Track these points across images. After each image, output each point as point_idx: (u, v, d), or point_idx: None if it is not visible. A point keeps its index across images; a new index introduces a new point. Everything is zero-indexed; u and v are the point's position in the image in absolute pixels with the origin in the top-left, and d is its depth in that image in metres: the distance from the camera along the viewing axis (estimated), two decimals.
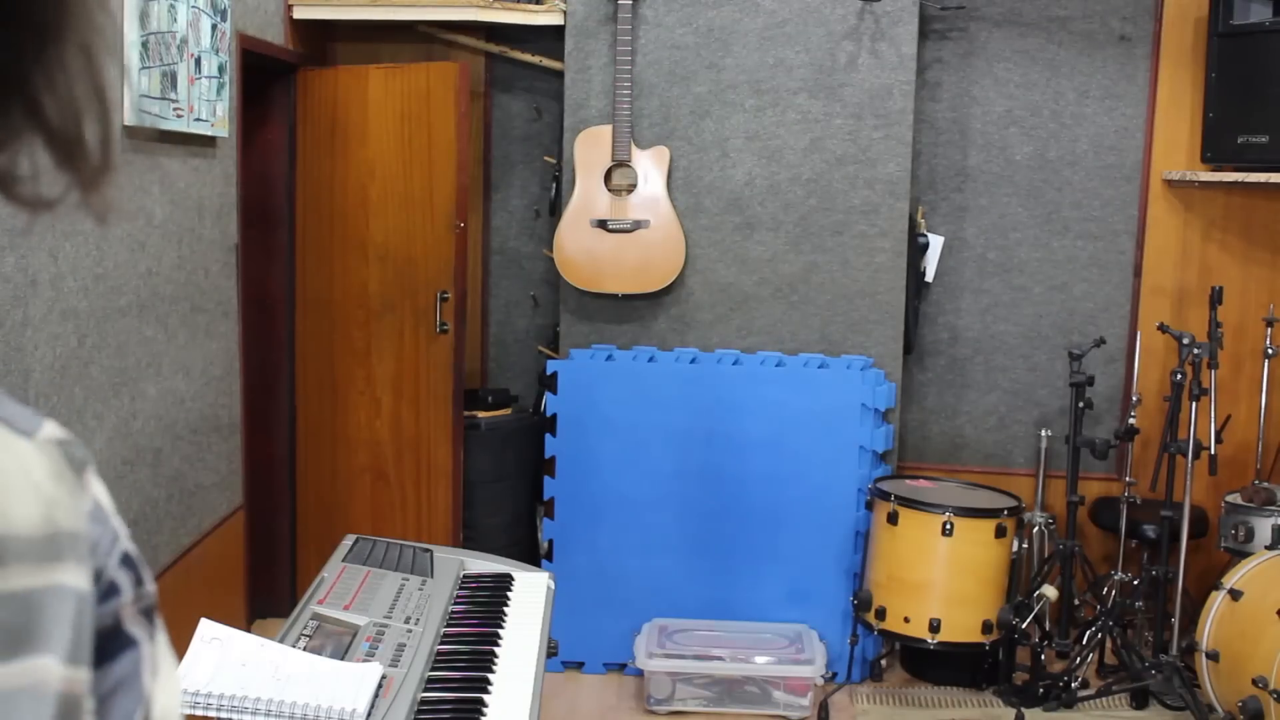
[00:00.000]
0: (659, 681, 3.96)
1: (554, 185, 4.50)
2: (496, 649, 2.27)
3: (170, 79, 3.16)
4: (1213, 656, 3.69)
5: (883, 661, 4.29)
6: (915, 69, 4.25)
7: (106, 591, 0.56)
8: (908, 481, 4.28)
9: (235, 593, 3.94)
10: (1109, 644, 4.21)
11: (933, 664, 4.23)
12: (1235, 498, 4.18)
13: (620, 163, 4.24)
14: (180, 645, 1.93)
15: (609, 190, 4.25)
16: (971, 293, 4.71)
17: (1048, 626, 4.18)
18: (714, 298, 4.35)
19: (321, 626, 2.21)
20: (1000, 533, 3.95)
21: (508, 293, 4.98)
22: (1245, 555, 3.93)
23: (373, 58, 4.74)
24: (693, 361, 4.26)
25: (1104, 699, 4.02)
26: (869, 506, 4.16)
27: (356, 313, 4.52)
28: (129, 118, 2.96)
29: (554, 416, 4.27)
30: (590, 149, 4.25)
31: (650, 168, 4.25)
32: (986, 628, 3.95)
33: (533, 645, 2.31)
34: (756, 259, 4.32)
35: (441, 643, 2.27)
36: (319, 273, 4.54)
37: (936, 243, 4.62)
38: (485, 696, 2.08)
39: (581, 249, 4.24)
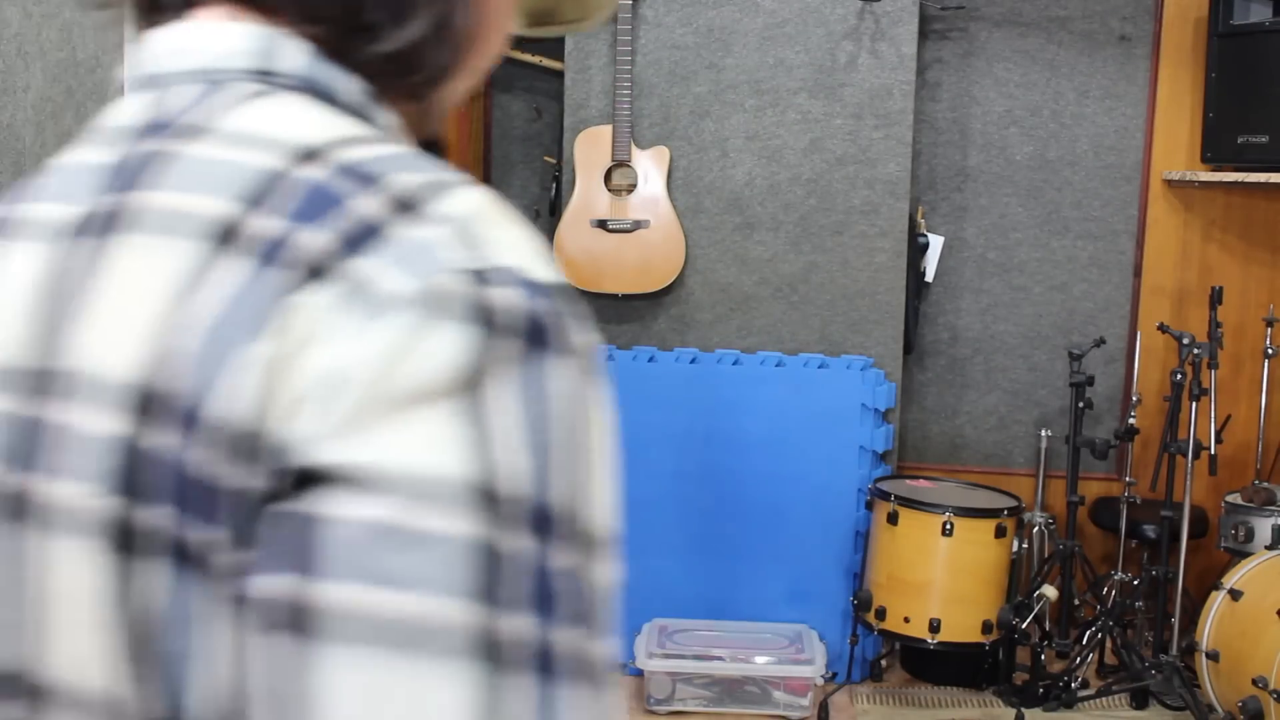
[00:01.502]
0: (659, 681, 3.96)
1: (554, 185, 4.51)
2: None
3: None
4: (1213, 656, 3.69)
5: (883, 661, 4.28)
6: (915, 69, 4.25)
7: None
8: (908, 481, 4.28)
9: None
10: (1109, 644, 4.20)
11: (933, 664, 4.23)
12: (1235, 498, 4.18)
13: (620, 163, 4.24)
14: None
15: (609, 190, 4.25)
16: (971, 293, 4.71)
17: (1048, 626, 4.18)
18: (714, 298, 4.35)
19: None
20: (1000, 533, 3.95)
21: None
22: (1245, 555, 3.93)
23: None
24: (693, 361, 4.26)
25: (1104, 699, 4.02)
26: (869, 506, 4.16)
27: None
28: None
29: None
30: (590, 149, 4.25)
31: (650, 168, 4.25)
32: (986, 628, 3.95)
33: None
34: (756, 259, 4.32)
35: None
36: None
37: (936, 243, 4.62)
38: None
39: (581, 249, 4.24)
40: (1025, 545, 4.43)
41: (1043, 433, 4.57)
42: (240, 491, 0.50)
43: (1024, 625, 4.05)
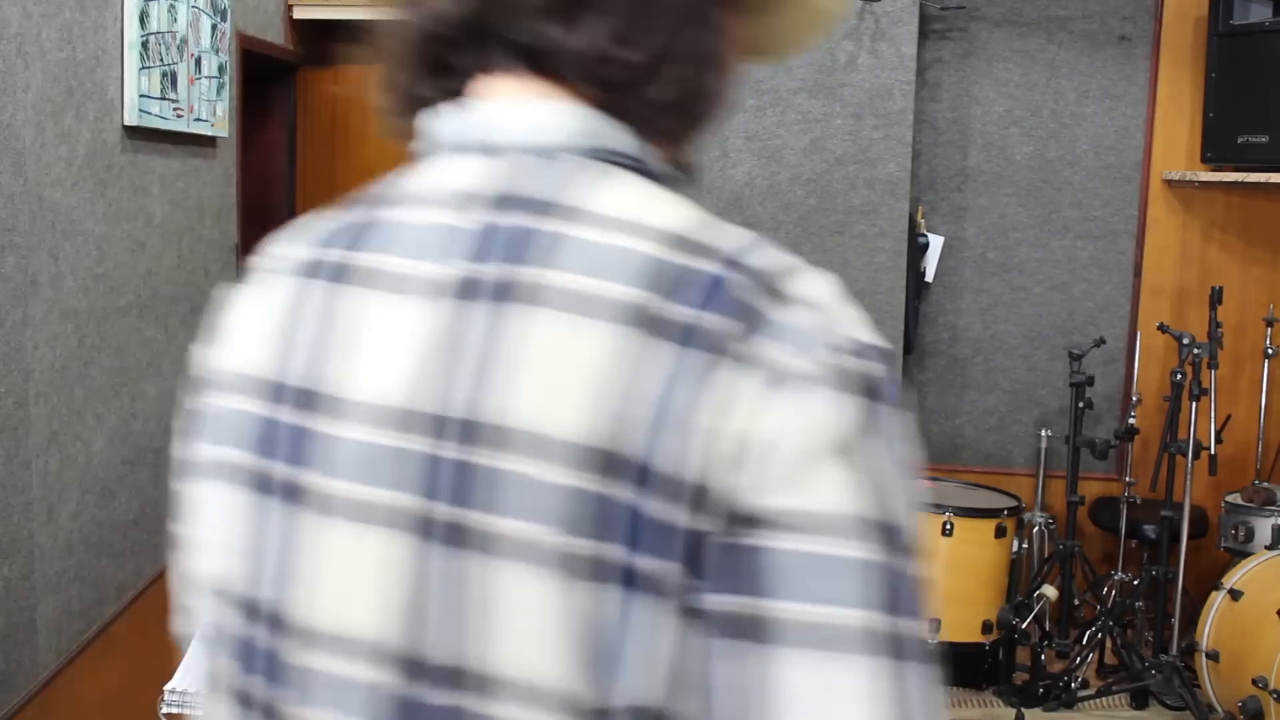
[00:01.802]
0: None
1: None
2: None
3: (170, 79, 3.16)
4: (1213, 656, 3.69)
5: None
6: (915, 69, 4.25)
7: None
8: None
9: None
10: (1109, 644, 4.21)
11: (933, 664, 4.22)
12: (1235, 498, 4.18)
13: None
14: (180, 645, 1.93)
15: None
16: (971, 293, 4.71)
17: (1048, 626, 4.18)
18: None
19: None
20: (1000, 533, 3.95)
21: None
22: (1245, 555, 3.93)
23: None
24: None
25: (1104, 699, 4.02)
26: None
27: None
28: (129, 118, 2.96)
29: None
30: None
31: None
32: (986, 628, 3.95)
33: None
34: None
35: None
36: None
37: (936, 243, 4.63)
38: None
39: None
40: (1025, 545, 4.43)
41: (1043, 433, 4.58)
42: (693, 532, 0.64)
43: (1024, 625, 4.05)
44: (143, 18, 2.98)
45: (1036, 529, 4.53)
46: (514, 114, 0.75)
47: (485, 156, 0.75)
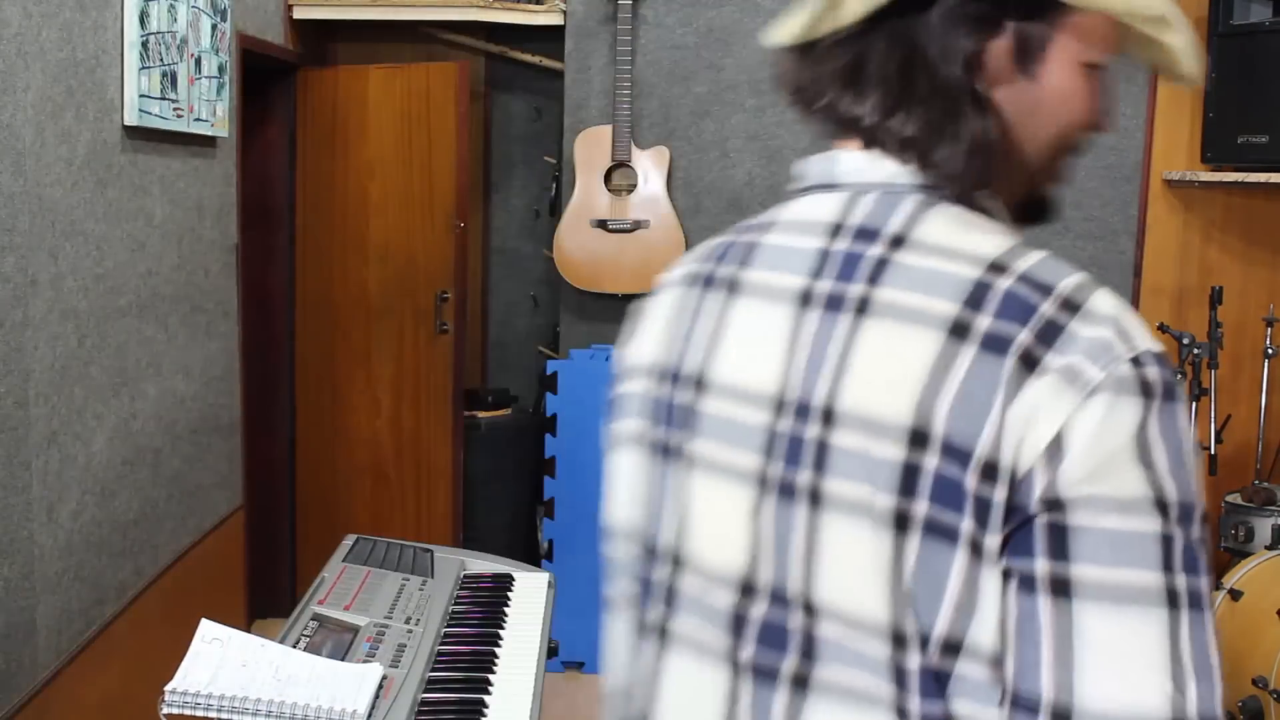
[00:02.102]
0: None
1: (554, 185, 4.51)
2: (497, 649, 2.27)
3: (170, 79, 3.17)
4: None
5: None
6: None
7: None
8: None
9: (235, 593, 3.94)
10: None
11: None
12: (1235, 498, 4.18)
13: (620, 163, 4.24)
14: (180, 645, 1.93)
15: (609, 190, 4.25)
16: None
17: None
18: None
19: (322, 626, 2.21)
20: None
21: (508, 293, 4.98)
22: (1245, 555, 3.93)
23: (373, 58, 4.75)
24: None
25: None
26: None
27: (356, 313, 4.52)
28: (129, 118, 2.96)
29: (554, 416, 4.27)
30: (590, 149, 4.25)
31: (650, 168, 4.25)
32: None
33: (533, 645, 2.31)
34: None
35: (442, 643, 2.27)
36: (319, 273, 4.54)
37: None
38: (486, 697, 2.08)
39: (581, 249, 4.24)
40: None
41: None
42: (982, 498, 0.81)
43: None
44: (143, 18, 2.98)
45: None
46: (861, 161, 0.96)
47: (842, 193, 0.96)
